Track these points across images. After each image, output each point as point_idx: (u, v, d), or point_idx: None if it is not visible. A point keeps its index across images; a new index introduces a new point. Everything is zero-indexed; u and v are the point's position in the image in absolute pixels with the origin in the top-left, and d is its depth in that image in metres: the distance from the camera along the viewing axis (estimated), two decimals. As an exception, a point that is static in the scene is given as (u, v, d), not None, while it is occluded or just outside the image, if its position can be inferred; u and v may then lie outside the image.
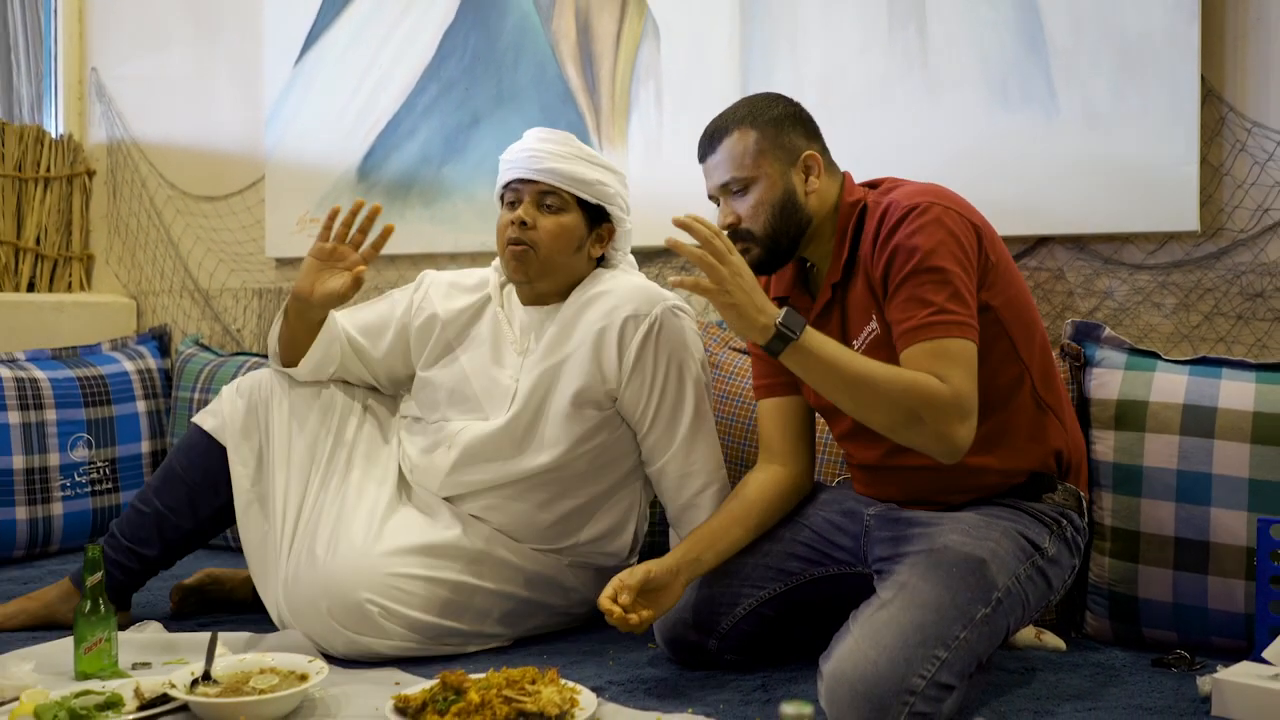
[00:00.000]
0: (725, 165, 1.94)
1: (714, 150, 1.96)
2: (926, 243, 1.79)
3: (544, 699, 1.66)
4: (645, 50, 2.86)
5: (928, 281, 1.78)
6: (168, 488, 2.27)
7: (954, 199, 1.88)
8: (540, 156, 2.18)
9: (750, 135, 1.92)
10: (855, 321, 1.92)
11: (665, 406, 2.18)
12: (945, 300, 1.77)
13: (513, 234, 2.18)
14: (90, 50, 3.84)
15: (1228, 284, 2.31)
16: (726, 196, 1.95)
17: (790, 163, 1.93)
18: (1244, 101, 2.29)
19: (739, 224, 1.93)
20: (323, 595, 2.04)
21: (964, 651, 1.68)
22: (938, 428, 1.75)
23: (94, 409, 3.14)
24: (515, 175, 2.20)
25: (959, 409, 1.75)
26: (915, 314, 1.78)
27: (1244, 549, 2.01)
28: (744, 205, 1.93)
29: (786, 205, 1.92)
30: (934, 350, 1.77)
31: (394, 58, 3.21)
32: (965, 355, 1.77)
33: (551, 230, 2.18)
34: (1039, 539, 1.86)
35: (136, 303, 3.78)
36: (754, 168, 1.92)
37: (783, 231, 1.92)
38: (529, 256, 2.18)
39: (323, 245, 2.19)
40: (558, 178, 2.17)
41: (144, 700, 1.78)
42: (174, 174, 3.68)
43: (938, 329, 1.77)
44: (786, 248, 1.94)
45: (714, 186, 1.97)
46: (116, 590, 2.24)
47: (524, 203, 2.19)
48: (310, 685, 1.78)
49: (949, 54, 2.50)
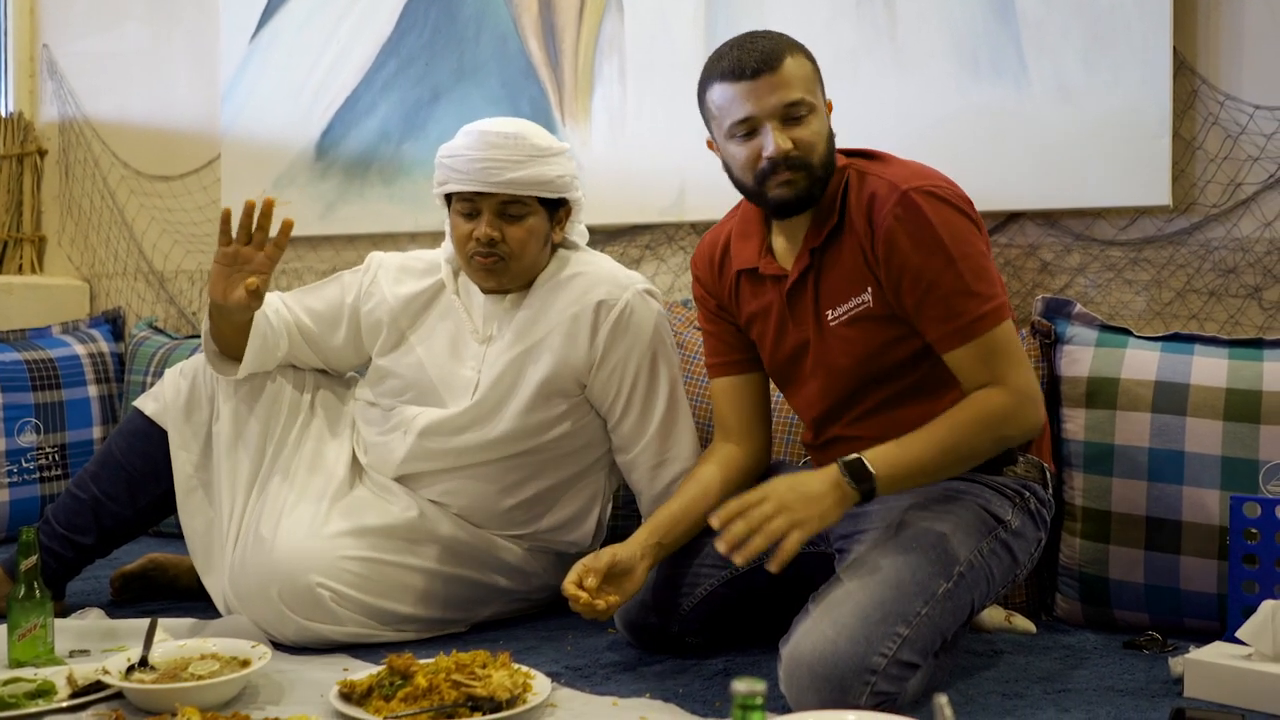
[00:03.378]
0: (793, 84, 1.77)
1: (774, 69, 1.77)
2: (941, 233, 1.73)
3: (494, 683, 1.61)
4: (609, 23, 2.79)
5: (949, 277, 1.73)
6: (106, 473, 2.19)
7: (943, 179, 1.82)
8: (495, 168, 2.04)
9: (809, 64, 1.82)
10: (838, 290, 1.84)
11: (638, 394, 2.12)
12: (977, 288, 1.74)
13: (477, 249, 2.08)
14: (42, 26, 3.74)
15: (1200, 260, 2.27)
16: (780, 121, 1.78)
17: (825, 106, 1.85)
18: (1216, 74, 2.25)
19: (793, 151, 1.79)
20: (272, 579, 1.98)
21: (926, 628, 1.63)
22: (1020, 430, 1.77)
23: (42, 393, 3.05)
24: (467, 188, 2.06)
25: (1024, 403, 1.75)
26: (951, 318, 1.74)
27: (1217, 528, 1.97)
28: (805, 130, 1.79)
29: (831, 143, 1.84)
30: (980, 351, 1.74)
31: (352, 32, 3.13)
32: (1008, 343, 1.75)
33: (520, 238, 2.09)
34: (1001, 512, 1.81)
35: (89, 285, 3.68)
36: (816, 95, 1.82)
37: (829, 169, 1.83)
38: (500, 268, 2.10)
39: (224, 250, 2.02)
40: (518, 187, 2.05)
41: (77, 688, 1.71)
42: (128, 153, 3.59)
43: (977, 327, 1.74)
44: (820, 193, 1.83)
45: (773, 106, 1.77)
46: (51, 579, 2.16)
47: (484, 215, 2.07)
48: (251, 671, 1.72)
49: (918, 26, 2.45)
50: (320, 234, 3.22)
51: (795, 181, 1.80)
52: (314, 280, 3.24)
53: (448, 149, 2.11)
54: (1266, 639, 1.67)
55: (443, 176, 2.11)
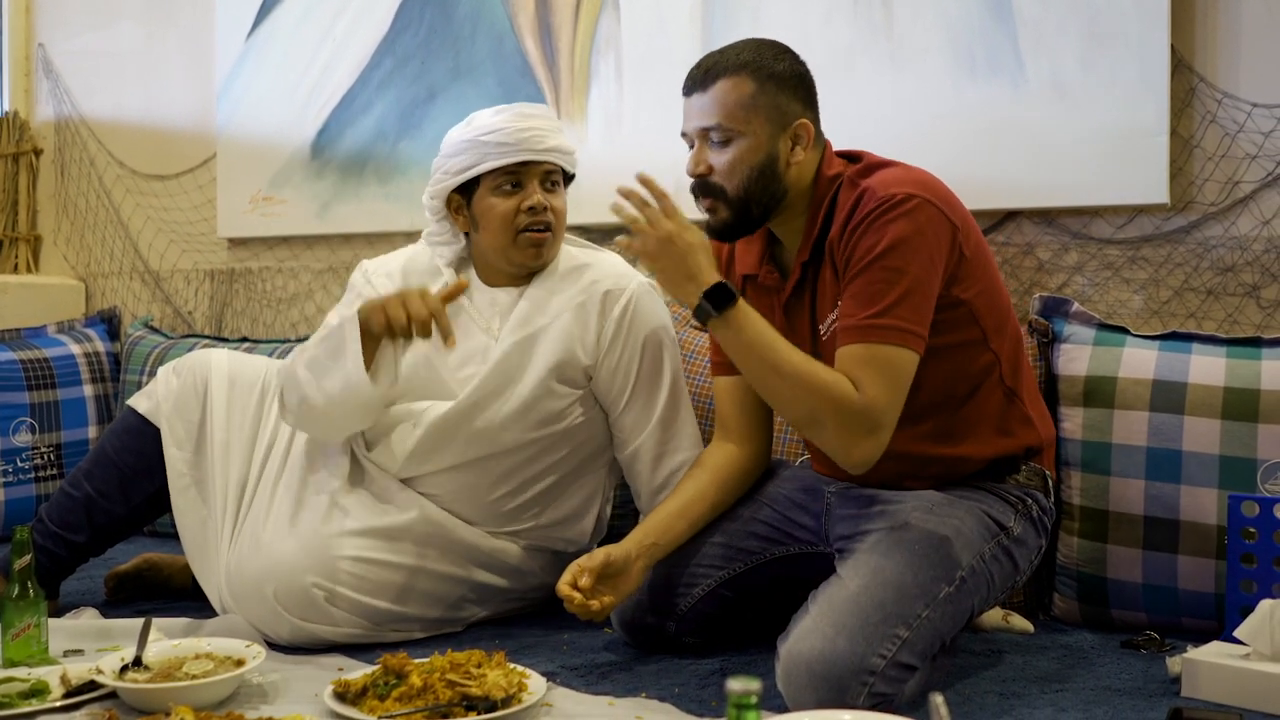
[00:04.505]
0: (712, 109, 1.77)
1: (704, 89, 1.79)
2: (892, 237, 1.69)
3: (489, 683, 1.60)
4: (605, 21, 2.79)
5: (880, 279, 1.69)
6: (99, 471, 2.18)
7: (936, 191, 1.76)
8: (539, 135, 2.08)
9: (748, 85, 1.77)
10: (822, 305, 1.84)
11: (642, 383, 2.12)
12: (893, 303, 1.68)
13: (531, 221, 2.09)
14: (37, 25, 3.73)
15: (1198, 258, 2.26)
16: (704, 142, 1.81)
17: (781, 127, 1.79)
18: (1214, 72, 2.24)
19: (709, 175, 1.80)
20: (268, 579, 1.96)
21: (926, 631, 1.62)
22: (840, 436, 1.69)
23: (37, 392, 3.04)
24: (520, 158, 2.07)
25: (866, 421, 1.67)
26: (858, 312, 1.70)
27: (1215, 527, 1.97)
28: (721, 158, 1.78)
29: (765, 171, 1.78)
30: (865, 356, 1.68)
31: (348, 31, 3.12)
32: (895, 366, 1.68)
33: (562, 210, 2.15)
34: (1004, 518, 1.81)
35: (85, 285, 3.67)
36: (743, 121, 1.77)
37: (755, 199, 1.80)
38: (549, 240, 2.13)
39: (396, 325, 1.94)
40: (559, 155, 2.12)
41: (70, 687, 1.70)
42: (123, 152, 3.58)
43: (876, 333, 1.68)
44: (756, 217, 1.82)
45: (693, 128, 1.81)
46: (44, 578, 2.14)
47: (532, 186, 2.09)
48: (246, 670, 1.71)
49: (914, 23, 2.44)
50: (316, 233, 3.21)
51: (715, 209, 1.81)
52: (308, 278, 3.25)
53: (472, 132, 2.09)
54: (1264, 638, 1.67)
55: (470, 160, 2.09)
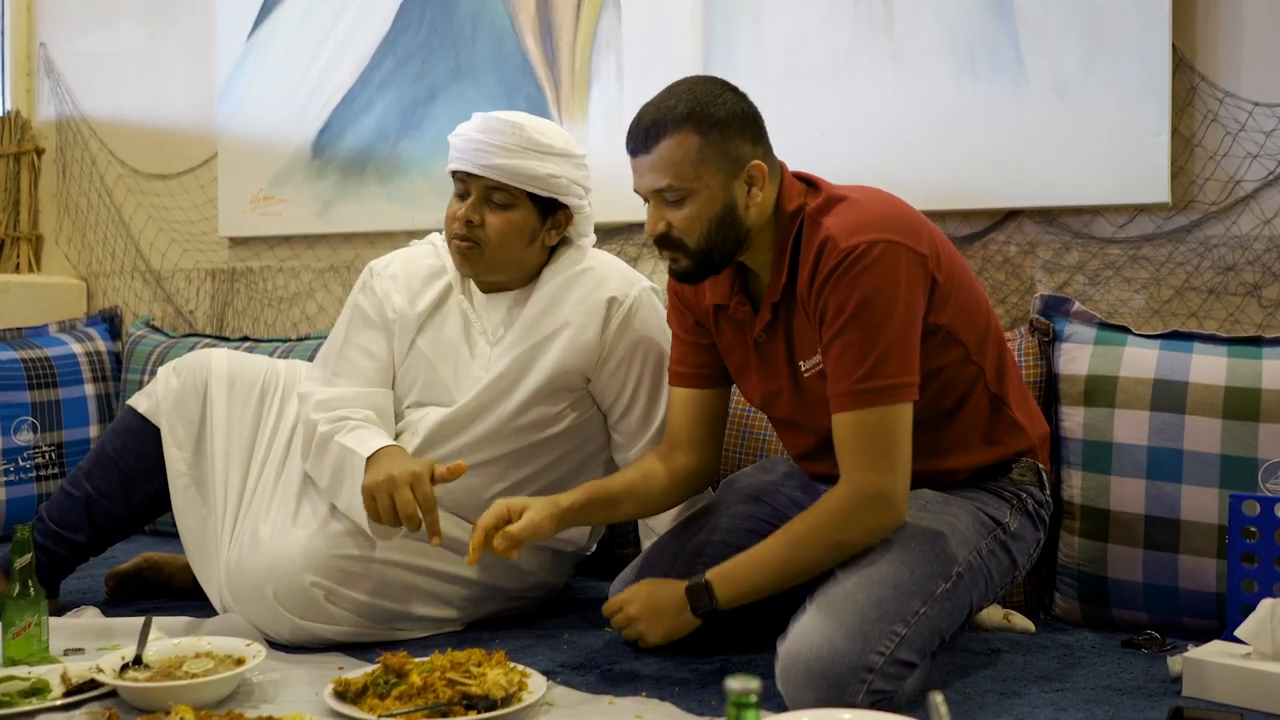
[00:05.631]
0: (661, 171, 1.73)
1: (648, 150, 1.74)
2: (861, 294, 1.65)
3: (489, 682, 1.60)
4: (605, 21, 2.78)
5: (859, 340, 1.65)
6: (99, 471, 2.19)
7: (898, 224, 1.70)
8: (485, 150, 2.03)
9: (692, 141, 1.71)
10: (802, 346, 1.80)
11: (644, 390, 2.12)
12: (877, 361, 1.65)
13: (458, 229, 2.08)
14: (39, 24, 3.73)
15: (1199, 257, 2.26)
16: (658, 201, 1.76)
17: (734, 173, 1.73)
18: (1215, 71, 2.24)
19: (669, 231, 1.76)
20: (268, 578, 1.97)
21: (924, 627, 1.62)
22: (864, 534, 1.69)
23: (39, 392, 3.04)
24: (458, 167, 2.07)
25: (867, 505, 1.67)
26: (847, 376, 1.67)
27: (1215, 526, 1.96)
28: (678, 215, 1.74)
29: (725, 221, 1.74)
30: (858, 426, 1.67)
31: (349, 30, 3.12)
32: (890, 430, 1.66)
33: (498, 228, 2.07)
34: (999, 514, 1.80)
35: (87, 284, 3.67)
36: (694, 178, 1.72)
37: (717, 248, 1.76)
38: (474, 254, 2.09)
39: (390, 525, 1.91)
40: (503, 174, 2.04)
41: (71, 686, 1.70)
42: (125, 151, 3.58)
43: (865, 398, 1.66)
44: (719, 262, 1.78)
45: (645, 189, 1.77)
46: (44, 577, 2.14)
47: (471, 197, 2.07)
48: (246, 669, 1.71)
49: (915, 23, 2.44)
50: (317, 233, 3.21)
51: (677, 260, 1.78)
52: (309, 278, 3.25)
53: (459, 127, 2.11)
54: (1265, 638, 1.66)
55: (450, 155, 2.11)
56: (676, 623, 1.81)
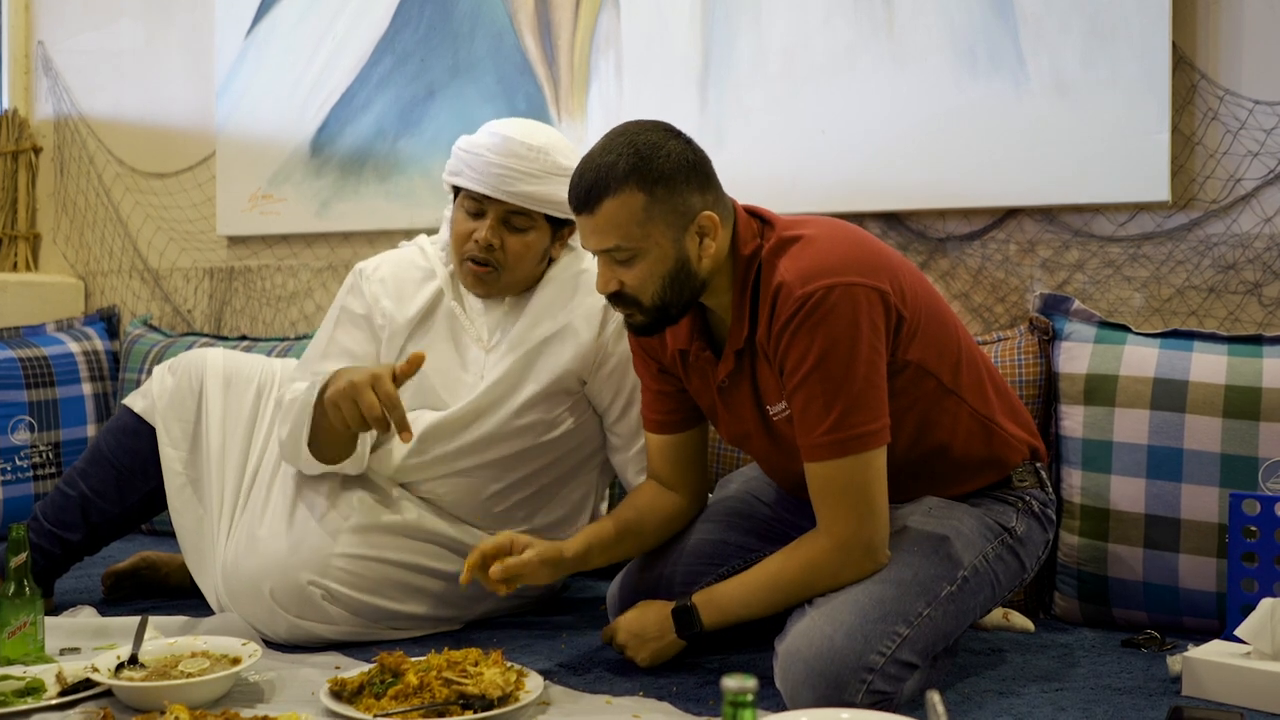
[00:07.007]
0: (608, 232, 1.67)
1: (592, 210, 1.67)
2: (821, 345, 1.61)
3: (486, 681, 1.59)
4: (605, 19, 2.78)
5: (822, 392, 1.62)
6: (94, 470, 2.18)
7: (855, 263, 1.65)
8: (509, 177, 2.00)
9: (638, 199, 1.64)
10: (768, 392, 1.76)
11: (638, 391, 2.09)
12: (844, 411, 1.61)
13: (475, 253, 2.05)
14: (37, 23, 3.72)
15: (1199, 256, 2.25)
16: (608, 260, 1.71)
17: (684, 227, 1.67)
18: (1216, 68, 2.23)
19: (622, 290, 1.71)
20: (264, 577, 1.96)
21: (927, 629, 1.62)
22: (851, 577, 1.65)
23: (36, 391, 3.04)
24: (478, 189, 2.03)
25: (849, 556, 1.65)
26: (815, 428, 1.64)
27: (1216, 525, 1.96)
28: (629, 274, 1.69)
29: (678, 275, 1.69)
30: (830, 479, 1.64)
31: (348, 28, 3.11)
32: (863, 478, 1.63)
33: (517, 251, 2.06)
34: (1005, 519, 1.79)
35: (84, 283, 3.67)
36: (642, 237, 1.66)
37: (674, 301, 1.71)
38: (493, 277, 2.07)
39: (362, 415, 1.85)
40: (528, 200, 2.02)
41: (66, 685, 1.70)
42: (123, 150, 3.57)
43: (835, 449, 1.63)
44: (676, 315, 1.74)
45: (592, 249, 1.72)
46: (39, 576, 2.14)
47: (488, 218, 2.04)
48: (242, 669, 1.71)
49: (915, 21, 2.43)
50: (315, 231, 3.20)
51: (631, 315, 1.75)
52: (308, 276, 3.24)
53: (468, 143, 2.06)
54: (1265, 637, 1.66)
55: (456, 167, 2.07)
56: (661, 645, 1.82)
